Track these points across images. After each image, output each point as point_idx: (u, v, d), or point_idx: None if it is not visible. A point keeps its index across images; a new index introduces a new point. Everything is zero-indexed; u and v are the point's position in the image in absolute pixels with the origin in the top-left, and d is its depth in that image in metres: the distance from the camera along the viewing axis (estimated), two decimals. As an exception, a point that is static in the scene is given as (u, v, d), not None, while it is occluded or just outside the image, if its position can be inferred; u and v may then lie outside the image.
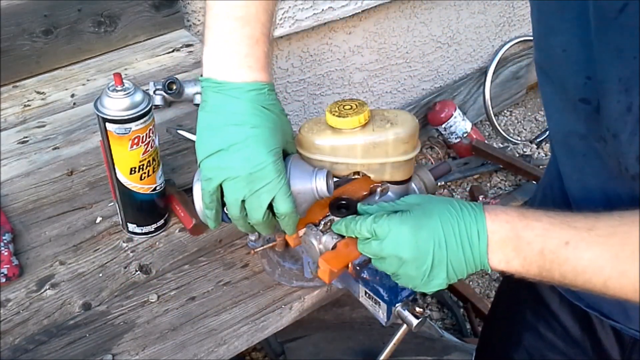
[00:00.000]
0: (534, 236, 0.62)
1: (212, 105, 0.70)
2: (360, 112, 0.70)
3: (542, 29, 0.66)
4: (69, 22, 1.31)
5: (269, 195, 0.68)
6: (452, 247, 0.64)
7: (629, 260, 0.57)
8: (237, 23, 0.69)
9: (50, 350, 0.78)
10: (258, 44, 0.69)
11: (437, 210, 0.66)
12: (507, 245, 0.63)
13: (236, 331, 0.81)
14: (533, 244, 0.62)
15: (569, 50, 0.62)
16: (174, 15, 1.46)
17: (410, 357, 1.53)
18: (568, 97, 0.65)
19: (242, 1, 0.69)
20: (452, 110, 2.44)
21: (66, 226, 0.96)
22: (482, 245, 0.64)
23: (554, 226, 0.61)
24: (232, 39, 0.69)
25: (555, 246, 0.60)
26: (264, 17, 0.70)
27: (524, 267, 0.63)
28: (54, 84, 1.29)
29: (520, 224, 0.63)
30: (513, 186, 2.42)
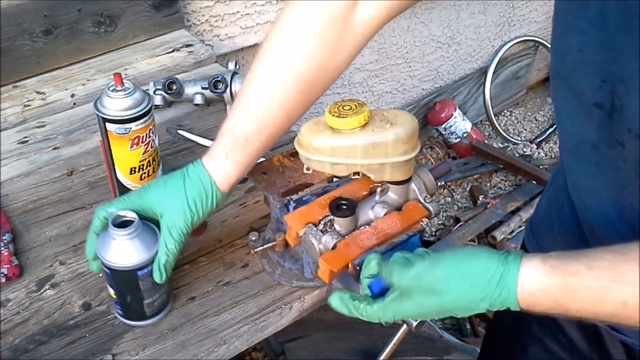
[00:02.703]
0: (585, 307, 0.58)
1: None
2: (359, 113, 0.70)
3: (560, 28, 0.65)
4: (69, 22, 1.31)
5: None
6: (477, 293, 0.60)
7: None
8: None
9: (50, 350, 0.78)
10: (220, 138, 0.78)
11: (467, 254, 0.62)
12: (532, 298, 0.59)
13: (236, 331, 0.81)
14: (583, 312, 0.58)
15: (585, 51, 0.61)
16: (174, 15, 1.46)
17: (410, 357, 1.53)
18: (581, 102, 0.64)
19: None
20: (452, 110, 2.44)
21: (66, 226, 0.96)
22: (512, 296, 0.60)
23: (605, 289, 0.56)
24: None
25: (611, 310, 0.56)
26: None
27: (546, 308, 0.60)
28: (54, 84, 1.29)
29: (565, 298, 0.58)
30: (513, 186, 2.42)
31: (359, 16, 0.76)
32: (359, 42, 0.79)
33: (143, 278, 0.75)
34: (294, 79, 0.75)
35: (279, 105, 0.76)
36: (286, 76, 0.75)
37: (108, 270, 0.75)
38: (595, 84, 0.61)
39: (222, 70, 1.37)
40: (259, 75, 0.76)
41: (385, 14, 0.78)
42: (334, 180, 0.83)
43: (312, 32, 0.74)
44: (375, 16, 0.77)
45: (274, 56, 0.75)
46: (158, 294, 0.79)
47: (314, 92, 0.77)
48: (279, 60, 0.75)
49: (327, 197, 0.77)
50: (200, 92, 1.19)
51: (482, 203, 2.21)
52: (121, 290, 0.77)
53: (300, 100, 0.77)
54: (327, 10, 0.74)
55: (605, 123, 0.61)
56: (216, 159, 0.77)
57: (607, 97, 0.59)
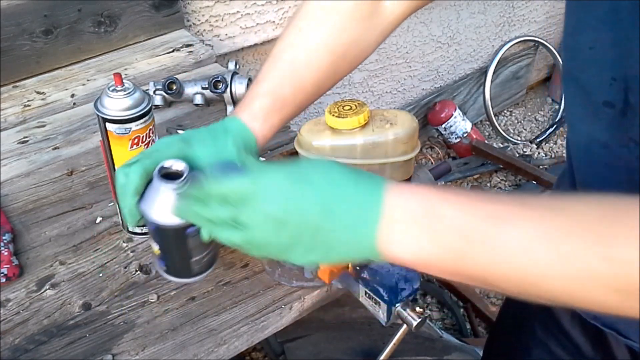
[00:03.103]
0: (452, 211, 0.50)
1: None
2: (359, 113, 0.71)
3: (571, 26, 0.65)
4: (69, 22, 1.31)
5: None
6: (335, 216, 0.52)
7: (567, 237, 0.46)
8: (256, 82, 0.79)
9: (50, 350, 0.78)
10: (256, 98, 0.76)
11: (329, 169, 0.55)
12: (415, 223, 0.50)
13: (236, 331, 0.81)
14: (451, 220, 0.50)
15: (596, 48, 0.61)
16: (174, 15, 1.46)
17: (410, 357, 1.53)
18: (591, 101, 0.64)
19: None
20: (452, 110, 2.44)
21: (66, 226, 0.96)
22: (372, 222, 0.51)
23: (479, 201, 0.50)
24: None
25: (480, 222, 0.49)
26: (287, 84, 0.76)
27: (435, 250, 0.50)
28: (54, 84, 1.29)
29: (435, 197, 0.51)
30: (513, 186, 2.42)
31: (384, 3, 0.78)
32: (386, 26, 0.80)
33: (192, 236, 0.69)
34: (327, 48, 0.77)
35: (312, 73, 0.77)
36: (320, 45, 0.77)
37: (153, 226, 0.69)
38: (605, 82, 0.60)
39: (222, 70, 1.37)
40: (293, 42, 0.78)
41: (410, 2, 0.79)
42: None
43: (345, 8, 0.77)
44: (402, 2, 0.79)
45: (309, 25, 0.77)
46: (206, 252, 0.74)
47: (344, 66, 0.79)
48: (314, 29, 0.77)
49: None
50: (200, 92, 1.19)
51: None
52: (167, 247, 0.72)
53: (331, 72, 0.78)
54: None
55: (616, 122, 0.61)
56: (257, 119, 0.75)
57: (618, 95, 0.59)
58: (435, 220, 0.50)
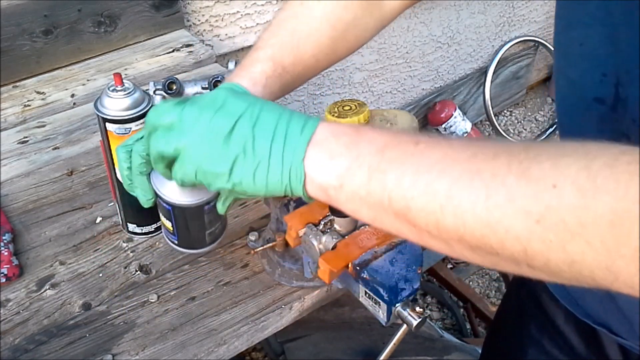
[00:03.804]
0: (377, 134, 0.50)
1: None
2: (359, 113, 0.71)
3: (562, 24, 0.65)
4: (69, 22, 1.31)
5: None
6: (265, 132, 0.54)
7: (484, 159, 0.44)
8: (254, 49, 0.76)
9: (50, 350, 0.78)
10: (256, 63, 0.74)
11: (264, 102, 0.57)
12: (338, 139, 0.51)
13: (236, 331, 0.81)
14: (374, 141, 0.50)
15: (586, 44, 0.61)
16: (174, 15, 1.46)
17: (410, 357, 1.53)
18: (581, 98, 0.64)
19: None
20: (452, 110, 2.44)
21: (66, 226, 0.96)
22: (303, 139, 0.52)
23: (406, 132, 0.52)
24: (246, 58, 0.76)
25: (401, 142, 0.49)
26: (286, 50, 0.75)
27: (349, 169, 0.50)
28: (54, 84, 1.29)
29: (362, 127, 0.53)
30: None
31: None
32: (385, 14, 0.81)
33: (209, 211, 0.71)
34: (329, 23, 0.77)
35: (311, 45, 0.76)
36: (322, 19, 0.77)
37: (169, 206, 0.69)
38: (596, 78, 0.61)
39: (222, 70, 1.37)
40: (295, 13, 0.77)
41: None
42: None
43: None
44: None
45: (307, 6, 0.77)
46: (219, 222, 0.75)
47: (342, 45, 0.78)
48: (317, 3, 0.77)
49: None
50: (200, 92, 1.18)
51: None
52: (183, 224, 0.72)
53: (330, 49, 0.77)
54: None
55: (608, 117, 0.61)
56: (258, 84, 0.72)
57: (609, 90, 0.60)
58: (358, 136, 0.51)
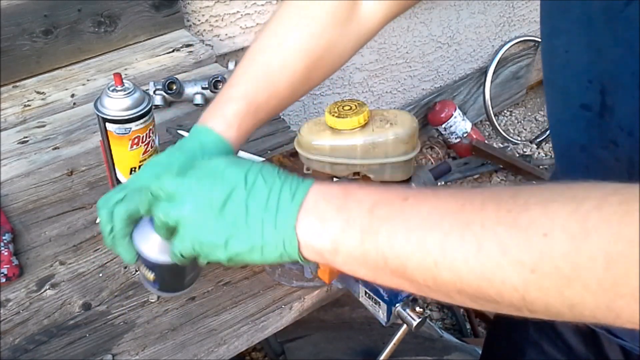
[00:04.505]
0: (365, 194, 0.50)
1: None
2: (359, 113, 0.71)
3: (546, 31, 0.65)
4: (69, 22, 1.31)
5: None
6: (258, 198, 0.53)
7: (472, 212, 0.44)
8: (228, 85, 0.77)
9: (50, 350, 0.78)
10: (229, 102, 0.74)
11: (257, 167, 0.56)
12: (328, 202, 0.51)
13: (236, 331, 0.81)
14: (364, 201, 0.50)
15: (571, 52, 0.61)
16: (174, 15, 1.46)
17: (410, 357, 1.53)
18: (568, 104, 0.64)
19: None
20: (452, 110, 2.44)
21: (66, 226, 0.96)
22: (294, 205, 0.52)
23: (394, 188, 0.51)
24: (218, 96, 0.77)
25: (390, 199, 0.49)
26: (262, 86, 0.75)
27: (342, 232, 0.50)
28: (54, 84, 1.29)
29: (352, 186, 0.52)
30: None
31: (363, 6, 0.77)
32: (363, 32, 0.79)
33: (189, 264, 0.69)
34: (303, 52, 0.76)
35: (286, 77, 0.76)
36: (296, 48, 0.76)
37: (151, 264, 0.70)
38: (582, 84, 0.61)
39: (222, 70, 1.37)
40: (268, 46, 0.77)
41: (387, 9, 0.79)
42: (334, 180, 0.83)
43: (323, 11, 0.76)
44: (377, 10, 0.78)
45: (285, 29, 0.77)
46: (197, 268, 0.74)
47: (319, 71, 0.78)
48: (290, 32, 0.76)
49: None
50: (200, 92, 1.19)
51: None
52: (164, 277, 0.73)
53: (306, 76, 0.77)
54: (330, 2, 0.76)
55: (595, 124, 0.61)
56: (231, 126, 0.73)
57: (596, 97, 0.59)
58: (348, 198, 0.51)
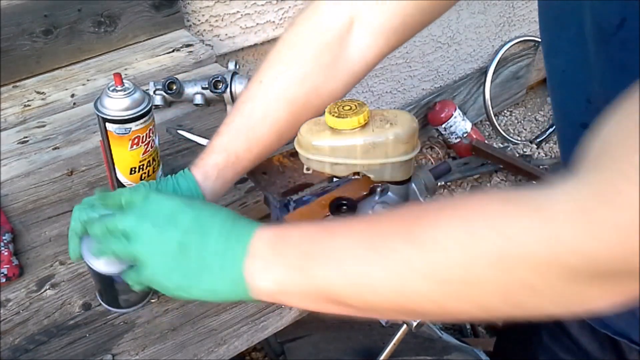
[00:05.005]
0: (298, 231, 0.53)
1: None
2: (359, 113, 0.70)
3: (545, 49, 0.64)
4: (69, 22, 1.31)
5: None
6: (211, 238, 0.56)
7: (386, 241, 0.47)
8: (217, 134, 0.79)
9: (50, 350, 0.78)
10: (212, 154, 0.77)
11: (210, 208, 0.60)
12: (268, 249, 0.54)
13: (236, 331, 0.81)
14: (297, 244, 0.53)
15: (567, 72, 0.61)
16: (174, 15, 1.46)
17: (410, 357, 1.53)
18: (570, 122, 0.63)
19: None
20: (452, 110, 2.44)
21: (66, 226, 0.95)
22: (241, 250, 0.54)
23: (323, 223, 0.54)
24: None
25: (319, 238, 0.52)
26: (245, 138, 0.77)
27: (289, 277, 0.52)
28: (54, 84, 1.29)
29: (290, 226, 0.55)
30: (513, 186, 2.42)
31: (354, 44, 0.77)
32: (356, 70, 0.79)
33: (119, 281, 0.76)
34: (286, 99, 0.76)
35: (269, 125, 0.77)
36: (279, 96, 0.76)
37: (89, 268, 0.77)
38: (581, 104, 0.60)
39: (222, 70, 1.37)
40: (253, 95, 0.77)
41: (383, 44, 0.78)
42: (334, 180, 0.83)
43: (307, 55, 0.76)
44: (372, 45, 0.77)
45: (269, 76, 0.77)
46: (134, 294, 0.80)
47: (306, 114, 0.78)
48: (273, 80, 0.77)
49: (327, 197, 0.77)
50: (200, 92, 1.19)
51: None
52: (100, 285, 0.81)
53: (291, 122, 0.77)
54: (322, 35, 0.75)
55: None
56: (209, 177, 0.77)
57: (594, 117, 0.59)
58: (283, 243, 0.54)
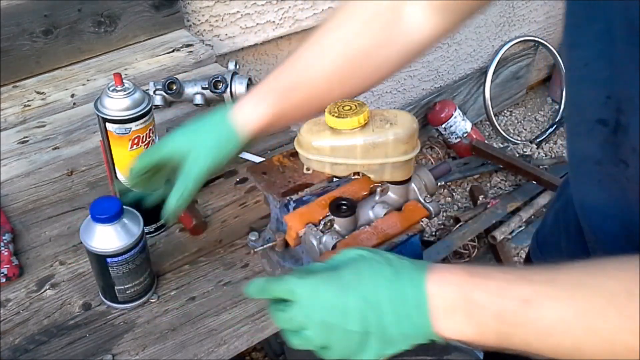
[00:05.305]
0: (487, 297, 0.54)
1: None
2: (359, 113, 0.70)
3: (568, 41, 0.64)
4: (69, 22, 1.31)
5: None
6: (388, 317, 0.56)
7: (599, 315, 0.51)
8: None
9: (50, 350, 0.78)
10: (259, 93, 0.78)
11: (369, 272, 0.58)
12: (456, 312, 0.55)
13: (236, 331, 0.81)
14: (487, 306, 0.54)
15: (590, 65, 0.60)
16: (174, 15, 1.46)
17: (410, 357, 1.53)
18: (585, 118, 0.63)
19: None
20: (452, 110, 2.44)
21: (66, 226, 0.96)
22: (423, 316, 0.56)
23: (510, 283, 0.54)
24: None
25: (513, 306, 0.53)
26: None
27: (479, 334, 0.55)
28: (54, 84, 1.29)
29: (469, 285, 0.55)
30: (513, 186, 2.42)
31: (408, 16, 0.77)
32: (409, 43, 0.79)
33: (113, 265, 0.78)
34: (341, 51, 0.77)
35: (322, 74, 0.77)
36: (335, 47, 0.77)
37: (86, 248, 0.79)
38: (600, 99, 0.60)
39: (222, 70, 1.37)
40: (303, 48, 0.79)
41: (438, 20, 0.78)
42: (334, 180, 0.83)
43: (364, 13, 0.78)
44: (426, 20, 0.77)
45: (329, 26, 0.79)
46: (130, 284, 0.81)
47: (356, 75, 0.79)
48: (332, 30, 0.79)
49: (327, 197, 0.77)
50: (200, 92, 1.19)
51: (482, 203, 2.21)
52: (95, 269, 0.81)
53: (341, 78, 0.78)
54: (375, 4, 0.77)
55: (610, 139, 0.60)
56: (245, 103, 0.76)
57: (612, 114, 0.58)
58: (473, 306, 0.55)
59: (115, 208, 0.77)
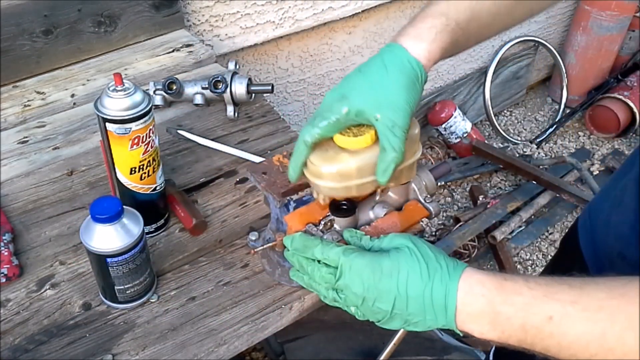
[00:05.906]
0: (514, 312, 0.61)
1: None
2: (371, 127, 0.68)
3: None
4: (69, 22, 1.31)
5: None
6: (414, 309, 0.65)
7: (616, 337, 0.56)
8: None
9: (50, 350, 0.78)
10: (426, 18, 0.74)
11: (405, 267, 0.66)
12: (482, 318, 0.62)
13: (236, 331, 0.81)
14: (513, 319, 0.61)
15: None
16: (174, 15, 1.46)
17: (410, 357, 1.53)
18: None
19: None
20: (452, 110, 2.44)
21: (66, 226, 0.96)
22: (449, 318, 0.63)
23: (536, 300, 0.60)
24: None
25: (537, 322, 0.59)
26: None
27: (501, 339, 0.62)
28: (54, 84, 1.29)
29: (498, 298, 0.61)
30: (513, 186, 2.42)
31: None
32: None
33: (113, 265, 0.78)
34: None
35: (490, 2, 0.75)
36: None
37: (86, 248, 0.79)
38: None
39: (222, 70, 1.37)
40: None
41: None
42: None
43: None
44: None
45: None
46: (130, 284, 0.81)
47: (522, 5, 0.79)
48: None
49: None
50: (200, 92, 1.19)
51: (482, 203, 2.21)
52: (95, 269, 0.81)
53: (508, 7, 0.77)
54: None
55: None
56: (424, 40, 0.70)
57: None
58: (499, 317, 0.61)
59: (115, 208, 0.77)
